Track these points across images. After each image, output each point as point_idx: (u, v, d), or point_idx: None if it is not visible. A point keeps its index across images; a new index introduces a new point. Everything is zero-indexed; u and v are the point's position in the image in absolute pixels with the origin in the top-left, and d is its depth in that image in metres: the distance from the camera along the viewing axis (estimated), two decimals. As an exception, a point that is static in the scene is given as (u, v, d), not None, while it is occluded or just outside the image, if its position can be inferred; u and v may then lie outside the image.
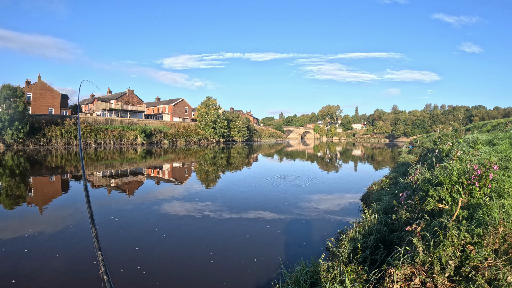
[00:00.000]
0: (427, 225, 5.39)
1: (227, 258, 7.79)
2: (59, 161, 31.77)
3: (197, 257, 7.84)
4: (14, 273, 6.69)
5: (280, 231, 10.09)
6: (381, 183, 14.69)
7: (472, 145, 11.91)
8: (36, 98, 71.03)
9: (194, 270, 7.09)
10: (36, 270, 6.88)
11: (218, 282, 6.56)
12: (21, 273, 6.70)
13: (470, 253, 4.10)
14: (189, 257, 7.90)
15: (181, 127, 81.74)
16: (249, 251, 8.35)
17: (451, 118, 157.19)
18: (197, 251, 8.21)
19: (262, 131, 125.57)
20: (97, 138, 59.95)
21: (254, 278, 6.76)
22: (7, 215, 11.51)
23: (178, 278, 6.69)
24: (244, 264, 7.46)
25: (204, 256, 7.88)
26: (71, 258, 7.65)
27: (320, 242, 8.90)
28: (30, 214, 11.79)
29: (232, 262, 7.59)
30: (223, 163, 34.17)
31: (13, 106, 47.57)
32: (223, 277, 6.77)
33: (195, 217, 11.50)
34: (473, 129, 29.47)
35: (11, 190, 16.19)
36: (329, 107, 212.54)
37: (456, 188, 6.14)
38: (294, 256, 7.52)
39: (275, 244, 8.89)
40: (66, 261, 7.45)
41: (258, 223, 10.80)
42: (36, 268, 7.01)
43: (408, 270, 4.18)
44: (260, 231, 10.02)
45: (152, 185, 18.93)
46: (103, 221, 10.68)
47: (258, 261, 7.62)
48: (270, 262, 7.48)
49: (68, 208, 12.67)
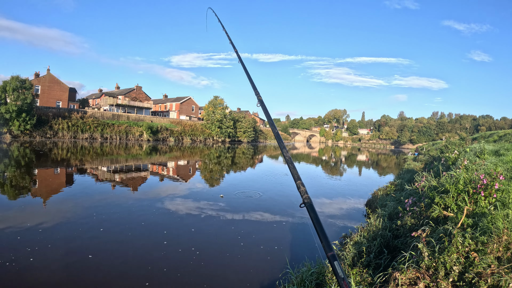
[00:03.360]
0: (432, 232, 5.48)
1: (236, 256, 7.92)
2: (65, 154, 32.01)
3: (201, 259, 7.95)
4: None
5: (285, 233, 10.19)
6: (386, 189, 14.73)
7: (478, 154, 11.97)
8: (44, 91, 71.49)
9: (200, 269, 7.22)
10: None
11: (229, 279, 6.68)
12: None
13: (474, 260, 4.19)
14: (193, 256, 8.02)
15: (188, 125, 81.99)
16: (255, 251, 8.46)
17: (458, 127, 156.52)
18: (204, 253, 8.33)
19: (268, 132, 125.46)
20: (104, 132, 60.41)
21: (260, 277, 6.87)
22: (21, 205, 11.69)
23: (184, 273, 6.82)
24: (251, 264, 7.58)
25: (206, 258, 8.01)
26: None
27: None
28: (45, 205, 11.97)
29: (238, 261, 7.71)
30: (227, 162, 34.29)
31: (21, 97, 48.06)
32: (234, 275, 6.90)
33: (194, 215, 11.62)
34: (480, 139, 29.43)
35: (16, 180, 16.38)
36: (336, 111, 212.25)
37: (461, 197, 6.22)
38: (299, 257, 7.60)
39: (280, 245, 8.99)
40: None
41: (262, 225, 10.90)
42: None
43: (413, 274, 4.28)
44: (265, 231, 10.12)
45: (171, 182, 19.08)
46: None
47: (264, 261, 7.74)
48: (275, 263, 7.59)
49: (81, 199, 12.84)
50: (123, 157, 33.22)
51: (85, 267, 6.84)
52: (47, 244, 7.97)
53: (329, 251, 2.12)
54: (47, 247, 7.81)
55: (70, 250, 7.75)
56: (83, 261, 7.10)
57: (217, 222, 10.89)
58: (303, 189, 2.52)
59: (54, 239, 8.37)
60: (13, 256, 7.09)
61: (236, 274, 7.02)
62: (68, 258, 7.29)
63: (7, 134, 47.85)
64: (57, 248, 7.74)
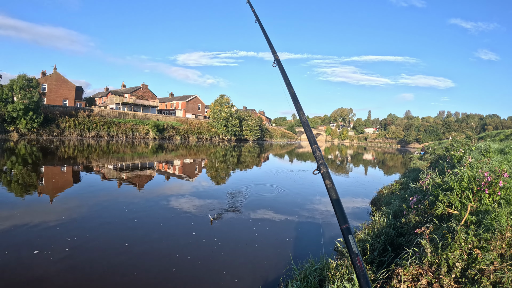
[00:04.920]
0: (436, 229, 5.49)
1: (241, 252, 7.98)
2: (72, 151, 32.22)
3: (204, 251, 8.02)
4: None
5: (290, 231, 10.23)
6: (391, 188, 14.72)
7: (484, 153, 11.92)
8: (51, 89, 71.97)
9: (204, 263, 7.28)
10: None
11: (233, 274, 6.74)
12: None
13: (477, 257, 4.20)
14: (198, 251, 8.08)
15: (194, 124, 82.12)
16: (259, 247, 8.51)
17: (465, 126, 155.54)
18: (206, 247, 8.39)
19: (274, 131, 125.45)
20: (110, 131, 60.67)
21: (264, 273, 6.91)
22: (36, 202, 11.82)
23: (187, 268, 6.88)
24: (255, 260, 7.63)
25: (213, 251, 8.07)
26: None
27: (329, 242, 9.00)
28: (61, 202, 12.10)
29: (243, 257, 7.77)
30: (233, 161, 34.35)
31: (28, 96, 48.37)
32: (239, 270, 6.95)
33: (194, 214, 11.69)
34: (486, 138, 29.24)
35: (23, 178, 16.53)
36: (342, 110, 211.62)
37: (466, 194, 6.22)
38: (304, 254, 7.63)
39: (285, 243, 9.02)
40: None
41: (266, 222, 10.94)
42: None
43: (416, 271, 4.30)
44: (269, 229, 10.16)
45: (181, 181, 19.17)
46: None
47: (267, 258, 7.79)
48: (279, 259, 7.65)
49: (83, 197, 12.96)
50: (129, 155, 33.40)
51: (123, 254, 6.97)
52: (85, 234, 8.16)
53: (344, 224, 2.02)
54: (86, 236, 8.12)
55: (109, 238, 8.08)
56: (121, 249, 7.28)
57: (236, 220, 10.99)
58: (319, 154, 2.44)
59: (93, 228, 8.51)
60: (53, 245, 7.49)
61: (243, 268, 7.07)
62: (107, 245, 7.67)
63: (14, 132, 48.16)
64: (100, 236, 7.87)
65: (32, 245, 7.59)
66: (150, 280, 6.33)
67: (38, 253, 7.19)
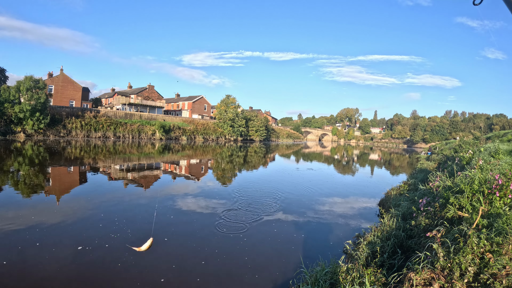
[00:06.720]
0: (447, 232, 5.47)
1: (249, 254, 7.98)
2: (78, 152, 32.37)
3: (208, 254, 8.04)
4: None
5: (298, 232, 10.21)
6: (399, 189, 14.66)
7: (493, 154, 11.86)
8: (57, 90, 72.53)
9: (208, 267, 7.30)
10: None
11: (241, 278, 6.75)
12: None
13: (489, 261, 4.19)
14: (200, 254, 8.10)
15: (200, 124, 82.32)
16: (271, 250, 8.52)
17: (471, 126, 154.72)
18: (210, 251, 8.41)
19: (280, 131, 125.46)
20: (116, 131, 61.02)
21: (273, 276, 6.91)
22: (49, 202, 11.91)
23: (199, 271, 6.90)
24: (265, 262, 7.64)
25: (217, 254, 8.09)
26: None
27: (337, 244, 8.99)
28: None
29: (254, 259, 7.77)
30: (240, 161, 34.38)
31: (35, 97, 48.84)
32: (247, 272, 6.97)
33: (203, 214, 11.73)
34: (494, 138, 29.05)
35: (29, 178, 16.64)
36: (348, 110, 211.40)
37: (476, 197, 6.20)
38: (313, 256, 7.63)
39: (294, 244, 9.01)
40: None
41: (276, 224, 10.93)
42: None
43: (428, 275, 4.29)
44: (279, 231, 10.16)
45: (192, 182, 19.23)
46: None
47: (278, 260, 7.78)
48: (289, 262, 7.63)
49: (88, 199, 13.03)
50: (135, 156, 33.49)
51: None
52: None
53: None
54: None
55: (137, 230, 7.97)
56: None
57: (241, 222, 10.96)
58: None
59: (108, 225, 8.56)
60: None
61: (252, 271, 7.08)
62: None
63: (21, 133, 48.54)
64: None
65: (66, 243, 7.66)
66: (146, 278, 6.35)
67: (74, 249, 7.24)
